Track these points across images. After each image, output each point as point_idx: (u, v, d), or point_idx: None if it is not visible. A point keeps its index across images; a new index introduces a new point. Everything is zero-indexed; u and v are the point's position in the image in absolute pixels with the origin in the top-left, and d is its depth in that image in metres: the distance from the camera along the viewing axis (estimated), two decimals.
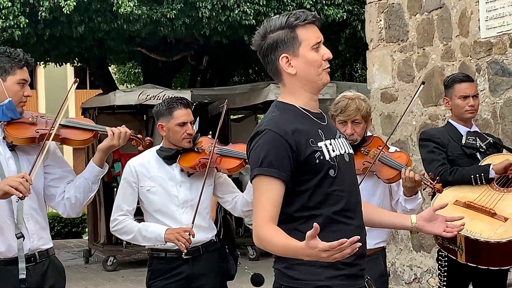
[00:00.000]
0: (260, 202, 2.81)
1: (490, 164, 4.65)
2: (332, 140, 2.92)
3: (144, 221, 4.50)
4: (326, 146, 2.87)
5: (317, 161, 2.83)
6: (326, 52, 2.89)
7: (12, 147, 3.57)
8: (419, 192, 4.36)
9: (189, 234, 4.20)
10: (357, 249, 2.64)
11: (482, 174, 4.62)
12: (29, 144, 3.61)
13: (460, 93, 4.94)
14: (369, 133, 4.52)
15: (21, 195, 3.30)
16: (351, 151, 3.03)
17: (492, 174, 4.61)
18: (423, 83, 5.14)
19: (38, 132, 3.60)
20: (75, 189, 3.72)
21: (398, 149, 4.62)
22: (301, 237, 2.76)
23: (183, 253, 4.25)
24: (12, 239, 3.47)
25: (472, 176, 4.64)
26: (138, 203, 4.49)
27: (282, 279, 2.88)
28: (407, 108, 5.32)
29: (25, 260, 3.49)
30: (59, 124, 3.65)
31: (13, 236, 3.47)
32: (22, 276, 3.47)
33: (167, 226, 4.32)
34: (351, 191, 2.94)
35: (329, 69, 2.95)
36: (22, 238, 3.49)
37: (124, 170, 4.49)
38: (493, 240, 4.31)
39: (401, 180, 4.32)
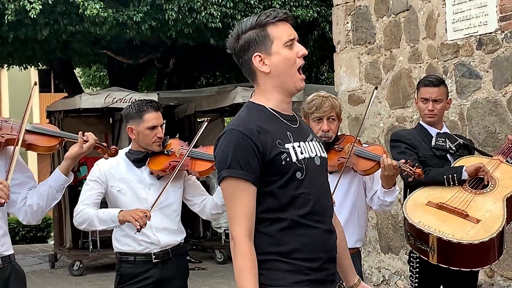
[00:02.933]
0: (236, 211, 2.79)
1: (463, 166, 4.68)
2: (302, 143, 2.89)
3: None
4: (294, 148, 2.84)
5: (283, 162, 2.80)
6: (300, 49, 2.87)
7: None
8: (396, 184, 4.42)
9: (146, 215, 4.15)
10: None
11: (455, 175, 4.64)
12: None
13: (422, 96, 4.99)
14: (340, 133, 4.56)
15: (2, 201, 3.30)
16: (324, 154, 3.00)
17: (465, 175, 4.64)
18: (376, 88, 5.16)
19: (3, 137, 3.56)
20: (38, 196, 3.67)
21: (371, 143, 4.68)
22: (265, 241, 2.79)
23: (136, 231, 4.17)
24: None
25: (445, 177, 4.66)
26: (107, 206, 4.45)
27: None
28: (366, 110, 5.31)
29: None
30: (26, 130, 3.60)
31: None
32: None
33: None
34: (320, 195, 2.90)
35: (304, 76, 2.91)
36: None
37: (92, 170, 4.44)
38: (465, 242, 4.33)
39: (376, 175, 4.41)
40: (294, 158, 2.82)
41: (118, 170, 4.39)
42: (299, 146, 2.87)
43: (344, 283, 3.07)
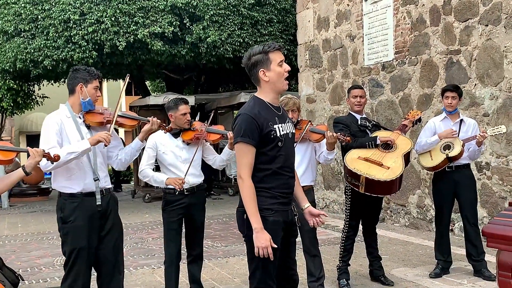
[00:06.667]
0: (244, 161, 2.76)
1: (377, 136, 4.70)
2: (283, 124, 2.87)
3: (160, 171, 4.42)
4: (278, 127, 2.82)
5: (272, 136, 2.78)
6: (286, 67, 2.85)
7: (88, 127, 3.55)
8: (336, 148, 4.41)
9: (182, 182, 4.13)
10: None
11: (372, 142, 4.66)
12: (99, 126, 3.58)
13: (353, 94, 4.92)
14: (299, 119, 4.53)
15: (106, 142, 3.34)
16: (293, 131, 2.98)
17: (378, 141, 4.66)
18: (309, 121, 5.05)
19: (105, 119, 3.58)
20: (124, 154, 3.69)
21: (319, 123, 4.65)
22: (257, 180, 2.77)
23: (178, 191, 4.18)
24: (91, 181, 3.48)
25: (367, 143, 4.67)
26: (157, 162, 4.38)
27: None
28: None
29: (99, 193, 3.50)
30: (118, 115, 3.61)
31: (91, 179, 3.48)
32: (99, 202, 3.48)
33: (174, 174, 4.24)
34: (289, 155, 2.89)
35: (287, 82, 2.88)
36: (97, 180, 3.50)
37: (148, 140, 4.33)
38: (382, 179, 4.38)
39: (322, 142, 4.38)
40: (278, 134, 2.80)
41: (163, 140, 4.32)
42: (281, 126, 2.84)
43: (295, 206, 3.00)
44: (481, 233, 4.92)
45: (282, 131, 2.83)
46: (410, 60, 7.47)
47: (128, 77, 3.86)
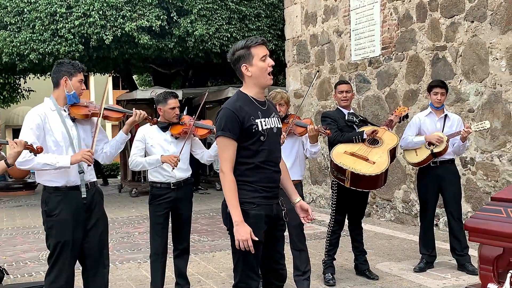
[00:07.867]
0: (225, 155, 2.76)
1: (363, 131, 4.71)
2: (267, 119, 2.84)
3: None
4: (261, 122, 2.80)
5: (253, 130, 2.77)
6: (270, 61, 2.83)
7: (73, 120, 3.52)
8: (318, 141, 4.40)
9: (177, 159, 4.11)
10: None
11: (359, 136, 4.68)
12: (84, 119, 3.55)
13: (339, 90, 4.93)
14: (289, 113, 4.53)
15: (88, 163, 3.35)
16: (279, 125, 2.95)
17: (364, 135, 4.67)
18: (318, 71, 5.19)
19: (90, 111, 3.55)
20: (109, 147, 3.66)
21: (305, 118, 4.66)
22: (238, 174, 2.75)
23: (173, 169, 4.12)
24: (76, 174, 3.44)
25: (353, 137, 4.69)
26: (145, 155, 4.34)
27: None
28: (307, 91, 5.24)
29: (84, 186, 3.47)
30: (104, 108, 3.59)
31: (77, 172, 3.44)
32: (84, 195, 3.45)
33: (162, 168, 4.22)
34: (273, 150, 2.86)
35: (272, 76, 2.86)
36: (82, 173, 3.47)
37: (137, 133, 4.34)
38: (367, 174, 4.41)
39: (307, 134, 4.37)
40: (260, 128, 2.78)
41: (152, 133, 4.29)
42: (264, 121, 2.81)
43: (282, 200, 2.98)
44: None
45: (265, 125, 2.81)
46: (396, 56, 7.51)
47: (111, 75, 3.84)
